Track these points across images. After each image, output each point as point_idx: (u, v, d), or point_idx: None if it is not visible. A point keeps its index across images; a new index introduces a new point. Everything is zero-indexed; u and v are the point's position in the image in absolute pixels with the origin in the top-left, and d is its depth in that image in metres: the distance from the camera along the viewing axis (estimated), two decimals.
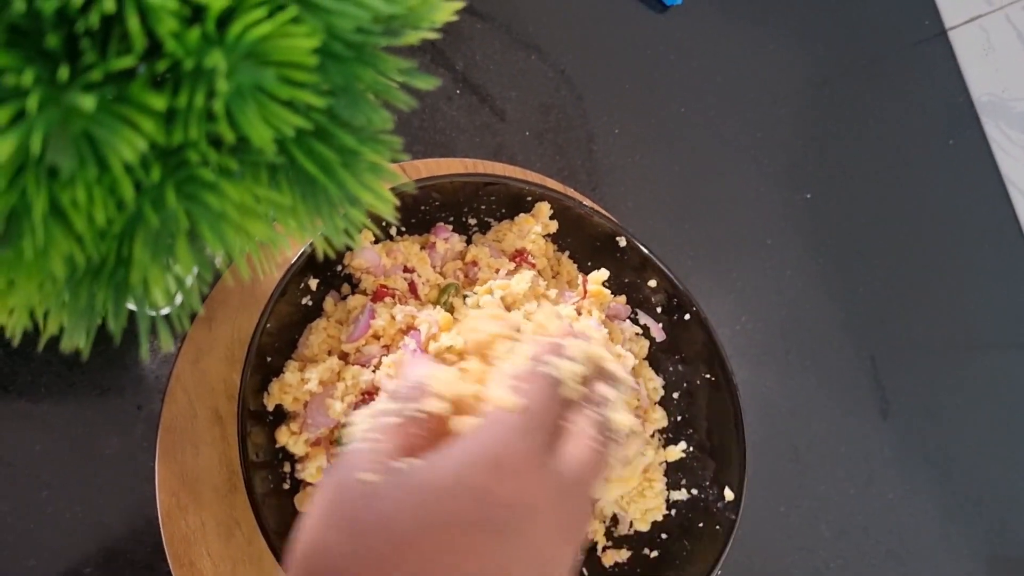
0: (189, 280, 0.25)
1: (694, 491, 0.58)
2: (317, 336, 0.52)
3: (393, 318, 0.52)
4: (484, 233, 0.60)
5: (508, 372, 0.35)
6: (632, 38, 0.77)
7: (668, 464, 0.59)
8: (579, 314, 0.57)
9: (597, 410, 0.35)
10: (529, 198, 0.58)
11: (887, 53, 0.89)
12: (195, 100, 0.21)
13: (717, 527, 0.55)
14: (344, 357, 0.53)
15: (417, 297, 0.55)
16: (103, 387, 0.52)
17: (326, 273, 0.54)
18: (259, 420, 0.50)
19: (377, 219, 0.52)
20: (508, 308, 0.54)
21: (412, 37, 0.26)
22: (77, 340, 0.24)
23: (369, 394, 0.50)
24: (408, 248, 0.56)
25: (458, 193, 0.57)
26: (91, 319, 0.24)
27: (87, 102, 0.19)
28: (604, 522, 0.59)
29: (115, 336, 0.23)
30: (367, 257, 0.54)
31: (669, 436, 0.60)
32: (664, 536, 0.57)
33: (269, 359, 0.51)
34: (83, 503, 0.50)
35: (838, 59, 0.86)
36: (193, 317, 0.53)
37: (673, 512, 0.58)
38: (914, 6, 0.92)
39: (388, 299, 0.54)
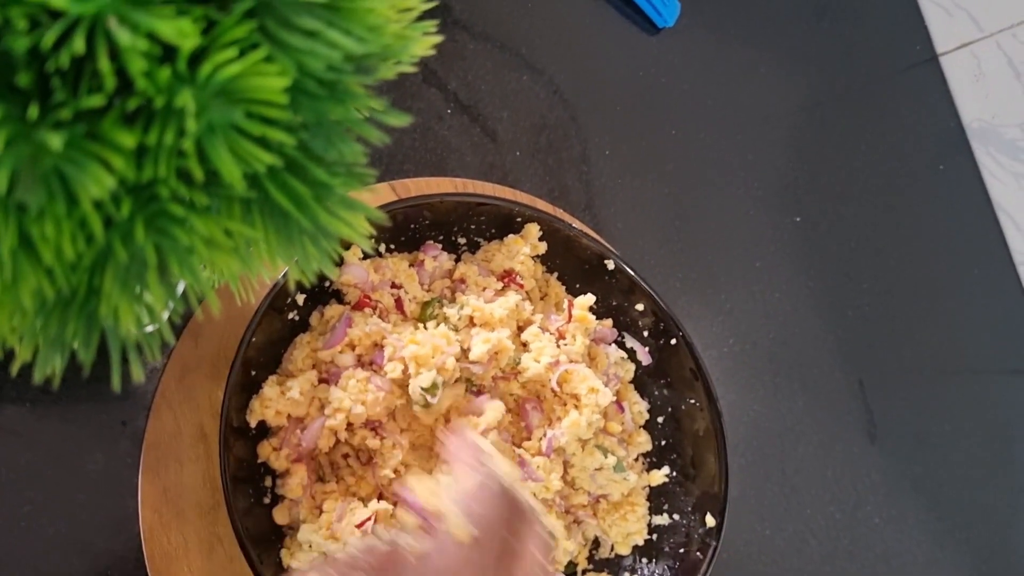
0: (162, 312, 0.25)
1: (676, 516, 0.58)
2: (301, 351, 0.52)
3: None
4: (473, 252, 0.61)
5: (458, 487, 0.36)
6: (624, 60, 0.77)
7: (651, 489, 0.59)
8: (563, 338, 0.57)
9: (544, 528, 0.37)
10: (519, 219, 0.59)
11: (878, 78, 0.89)
12: (165, 138, 0.21)
13: (698, 553, 0.55)
14: (319, 368, 0.53)
15: (403, 313, 0.56)
16: (88, 403, 0.52)
17: (313, 289, 0.54)
18: (242, 435, 0.50)
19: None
20: (490, 328, 0.54)
21: (388, 72, 0.27)
22: (50, 368, 0.25)
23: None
24: (396, 265, 0.56)
25: (448, 212, 0.57)
26: (63, 348, 0.24)
27: (55, 141, 0.19)
28: (586, 545, 0.59)
29: (85, 366, 0.24)
30: (355, 273, 0.54)
31: (653, 460, 0.60)
32: (644, 560, 0.57)
33: (254, 374, 0.51)
34: (66, 518, 0.50)
35: (829, 83, 0.87)
36: (164, 348, 0.54)
37: (654, 537, 0.58)
38: (906, 32, 0.92)
39: (368, 309, 0.54)
